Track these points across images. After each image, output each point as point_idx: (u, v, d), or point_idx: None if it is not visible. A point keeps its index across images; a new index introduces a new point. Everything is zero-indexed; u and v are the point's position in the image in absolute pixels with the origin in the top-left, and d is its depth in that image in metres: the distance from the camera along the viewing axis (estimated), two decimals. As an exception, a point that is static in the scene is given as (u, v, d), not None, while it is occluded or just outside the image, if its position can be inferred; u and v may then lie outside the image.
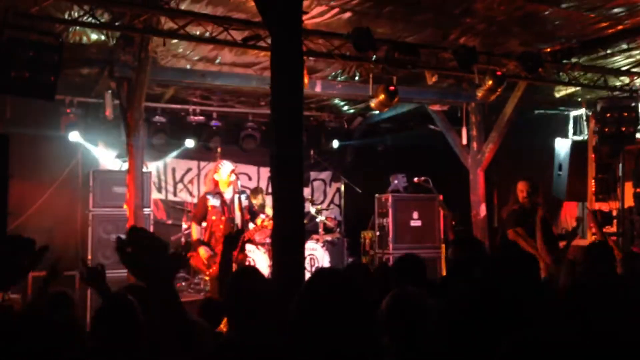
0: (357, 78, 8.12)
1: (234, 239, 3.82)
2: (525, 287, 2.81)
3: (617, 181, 8.30)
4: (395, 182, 9.49)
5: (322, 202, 10.93)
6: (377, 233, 9.16)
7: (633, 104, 7.85)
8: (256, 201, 9.02)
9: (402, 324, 2.58)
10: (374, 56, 6.66)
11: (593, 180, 8.38)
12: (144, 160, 7.54)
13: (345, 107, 10.25)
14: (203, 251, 6.47)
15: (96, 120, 8.61)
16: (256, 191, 9.36)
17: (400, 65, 6.67)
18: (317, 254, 9.12)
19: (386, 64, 6.71)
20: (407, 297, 2.71)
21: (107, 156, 9.15)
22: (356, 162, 11.35)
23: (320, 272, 1.98)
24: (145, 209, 7.44)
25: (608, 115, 7.90)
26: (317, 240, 9.28)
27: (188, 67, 7.52)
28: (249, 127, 9.89)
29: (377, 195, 9.30)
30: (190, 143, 9.44)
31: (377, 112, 9.21)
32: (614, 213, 8.25)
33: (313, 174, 11.20)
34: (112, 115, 7.77)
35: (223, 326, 5.13)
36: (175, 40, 6.47)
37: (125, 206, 7.04)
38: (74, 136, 8.52)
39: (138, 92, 6.65)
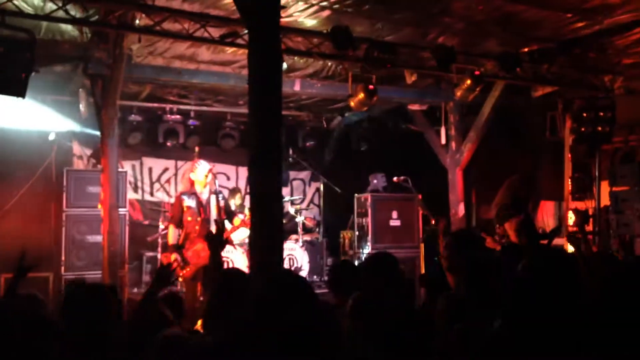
0: (336, 77, 8.08)
1: (216, 237, 3.68)
2: None
3: (594, 180, 8.37)
4: (375, 181, 9.46)
5: (301, 202, 10.87)
6: (357, 233, 9.13)
7: (609, 104, 7.93)
8: (235, 201, 8.93)
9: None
10: (353, 55, 6.63)
11: (569, 180, 8.43)
12: (119, 159, 7.41)
13: (325, 106, 10.19)
14: (173, 259, 6.36)
15: (70, 119, 8.45)
16: (234, 191, 9.27)
17: (380, 64, 6.66)
18: (296, 254, 9.06)
19: (365, 63, 6.69)
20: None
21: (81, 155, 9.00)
22: (335, 161, 11.30)
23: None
24: (120, 209, 7.30)
25: (584, 115, 7.96)
26: (296, 240, 9.22)
27: (165, 64, 7.40)
28: (227, 127, 9.79)
29: (356, 195, 9.26)
30: (167, 142, 9.28)
31: (356, 111, 9.18)
32: (590, 212, 8.31)
33: (292, 174, 11.14)
34: (86, 113, 7.62)
35: (200, 327, 5.06)
36: (151, 37, 6.36)
37: (99, 206, 6.90)
38: (48, 135, 8.36)
39: (113, 90, 6.53)
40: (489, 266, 3.04)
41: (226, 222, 6.72)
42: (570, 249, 4.51)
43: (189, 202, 6.56)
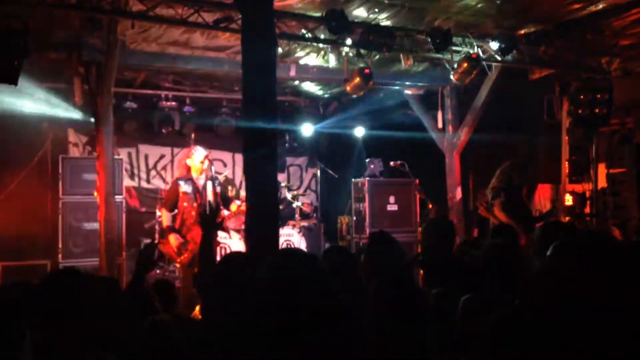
0: (332, 61, 8.02)
1: (211, 219, 3.56)
2: None
3: (591, 163, 8.36)
4: (372, 166, 9.45)
5: (298, 188, 10.87)
6: (354, 218, 9.13)
7: (606, 86, 7.89)
8: (230, 192, 8.91)
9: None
10: (349, 39, 6.58)
11: (567, 162, 8.42)
12: (115, 146, 7.38)
13: (321, 92, 10.16)
14: (173, 239, 6.37)
15: (65, 106, 8.41)
16: (227, 183, 9.21)
17: (375, 48, 6.60)
18: (293, 240, 9.07)
19: (361, 47, 6.63)
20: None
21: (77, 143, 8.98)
22: (332, 147, 11.29)
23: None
24: (117, 197, 7.28)
25: (582, 97, 7.93)
26: (294, 226, 9.22)
27: (159, 51, 7.34)
28: (223, 113, 9.75)
29: (353, 180, 9.26)
30: (163, 129, 9.25)
31: (352, 96, 9.14)
32: (588, 194, 8.32)
33: (289, 160, 11.12)
34: (81, 101, 7.59)
35: (197, 313, 5.07)
36: (144, 23, 6.31)
37: (95, 193, 6.88)
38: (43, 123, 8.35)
39: (107, 77, 6.48)
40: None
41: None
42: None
43: (185, 187, 6.54)
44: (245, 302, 2.44)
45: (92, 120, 7.02)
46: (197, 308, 5.30)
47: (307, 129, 10.48)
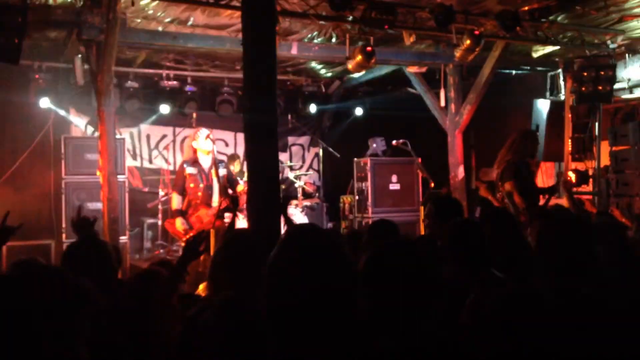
0: (334, 40, 7.97)
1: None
2: None
3: (594, 140, 8.34)
4: (374, 145, 9.44)
5: (300, 167, 10.86)
6: (356, 197, 9.14)
7: (610, 63, 7.84)
8: (234, 167, 8.93)
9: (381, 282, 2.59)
10: (351, 16, 6.53)
11: (570, 140, 8.40)
12: (117, 126, 7.37)
13: (323, 71, 10.10)
14: (179, 223, 6.49)
15: (67, 86, 8.40)
16: (233, 157, 9.25)
17: (377, 25, 6.54)
18: (296, 219, 9.07)
19: (363, 24, 6.58)
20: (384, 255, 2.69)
21: (79, 123, 8.98)
22: (334, 126, 11.27)
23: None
24: (119, 176, 7.29)
25: (585, 74, 7.89)
26: (296, 205, 9.23)
27: (160, 29, 7.29)
28: (224, 92, 9.71)
29: (355, 159, 9.24)
30: (164, 109, 9.24)
31: (354, 75, 9.08)
32: (590, 172, 8.30)
33: (291, 139, 11.10)
34: (82, 80, 7.57)
35: (202, 291, 5.09)
36: (144, 1, 6.26)
37: (98, 173, 6.90)
38: (44, 102, 8.32)
39: (107, 55, 6.43)
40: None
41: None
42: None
43: (190, 169, 6.69)
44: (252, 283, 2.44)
45: (94, 99, 7.01)
46: (201, 286, 5.33)
47: (309, 108, 10.44)
